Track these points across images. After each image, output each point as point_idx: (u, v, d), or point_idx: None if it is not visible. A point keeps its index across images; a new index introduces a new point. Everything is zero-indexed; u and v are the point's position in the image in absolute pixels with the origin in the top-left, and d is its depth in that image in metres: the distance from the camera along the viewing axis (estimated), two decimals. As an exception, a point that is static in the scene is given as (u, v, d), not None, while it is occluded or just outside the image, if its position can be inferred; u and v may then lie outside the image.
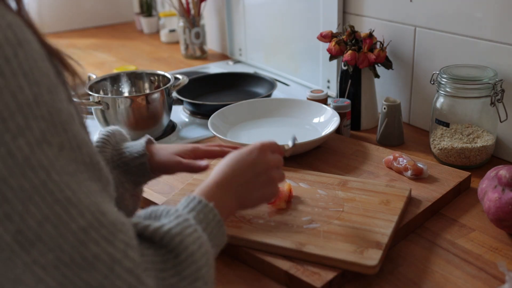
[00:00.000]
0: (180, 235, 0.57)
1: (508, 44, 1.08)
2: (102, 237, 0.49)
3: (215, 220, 0.66)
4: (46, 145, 0.48)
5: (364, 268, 0.77)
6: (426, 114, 1.26)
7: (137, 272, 0.50)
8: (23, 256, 0.46)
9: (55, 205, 0.47)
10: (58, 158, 0.48)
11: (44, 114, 0.48)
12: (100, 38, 2.44)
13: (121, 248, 0.49)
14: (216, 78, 1.67)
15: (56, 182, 0.48)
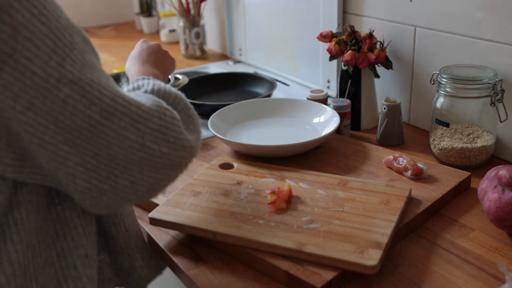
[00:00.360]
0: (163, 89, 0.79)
1: (508, 44, 1.08)
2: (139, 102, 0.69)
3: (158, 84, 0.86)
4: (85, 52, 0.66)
5: (364, 268, 0.77)
6: (426, 114, 1.26)
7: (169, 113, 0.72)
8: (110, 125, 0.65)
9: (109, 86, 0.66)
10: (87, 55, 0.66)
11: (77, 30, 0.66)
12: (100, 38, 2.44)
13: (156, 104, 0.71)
14: (216, 78, 1.67)
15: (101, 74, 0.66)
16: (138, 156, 0.67)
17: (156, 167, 0.69)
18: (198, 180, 1.02)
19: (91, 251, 0.74)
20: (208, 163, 1.13)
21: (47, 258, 0.70)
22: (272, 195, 0.92)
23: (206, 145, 1.23)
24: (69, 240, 0.72)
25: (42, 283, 0.69)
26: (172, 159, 0.70)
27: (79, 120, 0.62)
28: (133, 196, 0.69)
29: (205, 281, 0.81)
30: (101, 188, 0.66)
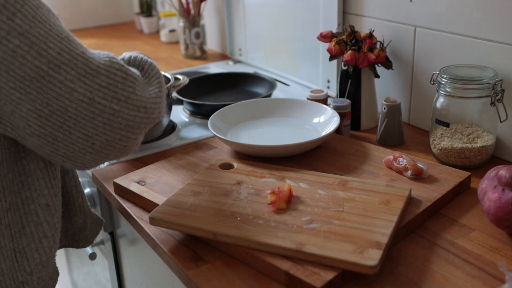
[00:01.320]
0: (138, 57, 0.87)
1: (508, 44, 1.08)
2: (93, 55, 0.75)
3: None
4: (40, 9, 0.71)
5: (364, 268, 0.77)
6: (426, 114, 1.26)
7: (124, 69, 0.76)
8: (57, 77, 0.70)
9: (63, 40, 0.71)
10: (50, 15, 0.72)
11: None
12: (100, 38, 2.44)
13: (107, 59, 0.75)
14: (216, 78, 1.67)
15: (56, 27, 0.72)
16: (89, 110, 0.72)
17: (111, 125, 0.74)
18: (198, 180, 1.02)
19: (52, 201, 0.84)
20: (208, 163, 1.13)
21: (11, 204, 0.80)
22: (272, 195, 0.92)
23: (206, 145, 1.23)
24: (32, 190, 0.81)
25: (6, 223, 0.80)
26: (125, 117, 0.75)
27: (28, 69, 0.68)
28: (89, 149, 0.75)
29: (205, 281, 0.81)
30: (55, 135, 0.72)
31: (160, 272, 1.06)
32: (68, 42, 0.72)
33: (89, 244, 1.05)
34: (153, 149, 1.26)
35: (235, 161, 1.09)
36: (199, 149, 1.21)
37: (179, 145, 1.28)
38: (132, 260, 1.25)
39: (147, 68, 0.85)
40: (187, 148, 1.24)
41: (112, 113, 0.74)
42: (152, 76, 0.84)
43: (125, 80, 0.75)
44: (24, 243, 0.82)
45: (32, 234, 0.82)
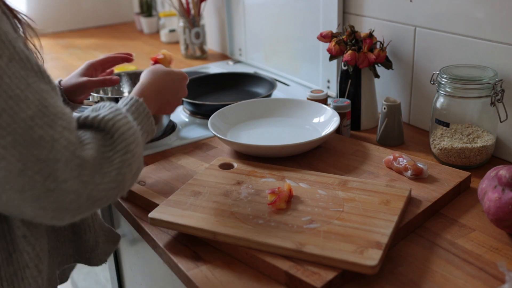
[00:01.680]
0: (112, 120, 0.73)
1: (508, 44, 1.08)
2: (44, 123, 0.64)
3: (145, 112, 0.85)
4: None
5: (364, 268, 0.77)
6: (426, 114, 1.26)
7: (72, 149, 0.65)
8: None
9: (8, 100, 0.62)
10: (9, 66, 0.63)
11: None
12: (100, 38, 2.44)
13: (59, 130, 0.64)
14: (216, 78, 1.67)
15: (7, 83, 0.62)
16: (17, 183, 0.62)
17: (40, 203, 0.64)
18: (198, 180, 1.02)
19: (30, 232, 0.79)
20: (208, 163, 1.13)
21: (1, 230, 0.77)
22: (272, 195, 0.92)
23: (206, 145, 1.23)
24: (8, 219, 0.77)
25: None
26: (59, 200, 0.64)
27: None
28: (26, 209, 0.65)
29: (205, 281, 0.81)
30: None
31: (160, 272, 1.06)
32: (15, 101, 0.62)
33: (101, 263, 1.00)
34: (153, 149, 1.27)
35: (235, 161, 1.09)
36: (199, 149, 1.21)
37: (179, 145, 1.28)
38: (132, 260, 1.25)
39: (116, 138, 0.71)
40: (187, 148, 1.24)
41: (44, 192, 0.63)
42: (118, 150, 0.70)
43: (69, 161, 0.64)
44: (11, 271, 0.77)
45: (18, 262, 0.77)
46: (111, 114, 0.74)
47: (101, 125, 0.72)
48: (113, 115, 0.74)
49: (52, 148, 0.63)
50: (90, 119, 0.73)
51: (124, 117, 0.74)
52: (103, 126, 0.72)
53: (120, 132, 0.72)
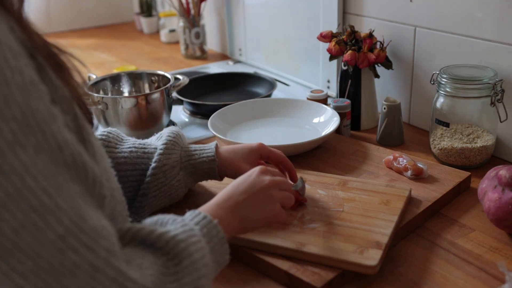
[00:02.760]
0: (185, 242, 0.57)
1: (508, 44, 1.08)
2: (82, 244, 0.47)
3: (218, 236, 0.66)
4: (19, 147, 0.45)
5: (364, 268, 0.77)
6: (426, 114, 1.26)
7: (121, 280, 0.48)
8: (1, 265, 0.45)
9: (31, 212, 0.45)
10: (34, 161, 0.46)
11: (15, 115, 0.45)
12: (100, 38, 2.44)
13: (102, 255, 0.48)
14: (216, 78, 1.66)
15: (31, 188, 0.45)
16: None
17: None
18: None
19: None
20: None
21: None
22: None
23: (206, 145, 1.23)
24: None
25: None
26: None
27: None
28: None
29: (205, 281, 0.81)
30: None
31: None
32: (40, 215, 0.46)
33: None
34: (153, 149, 1.26)
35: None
36: (199, 149, 1.21)
37: (179, 145, 1.28)
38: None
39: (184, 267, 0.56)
40: (187, 148, 1.23)
41: None
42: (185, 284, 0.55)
43: None
44: None
45: None
46: (184, 234, 0.58)
47: (169, 245, 0.56)
48: (186, 235, 0.58)
49: (92, 280, 0.47)
50: (157, 235, 0.57)
51: (199, 241, 0.60)
52: (171, 247, 0.56)
53: (192, 260, 0.57)
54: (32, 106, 0.47)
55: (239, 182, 0.78)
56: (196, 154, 0.93)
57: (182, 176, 0.92)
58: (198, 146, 0.95)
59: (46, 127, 0.47)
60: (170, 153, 0.91)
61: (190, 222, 0.64)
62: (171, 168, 0.90)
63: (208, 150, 0.94)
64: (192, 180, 0.95)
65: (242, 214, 0.74)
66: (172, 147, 0.92)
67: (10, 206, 0.45)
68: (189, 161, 0.93)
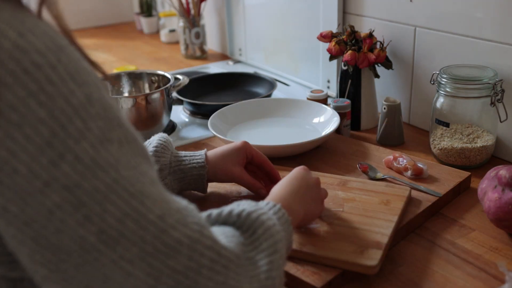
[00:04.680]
0: (255, 213, 0.61)
1: (508, 44, 1.08)
2: (177, 221, 0.50)
3: (286, 219, 0.68)
4: (107, 142, 0.48)
5: (364, 268, 0.77)
6: (426, 114, 1.26)
7: (217, 248, 0.52)
8: (109, 254, 0.47)
9: (131, 199, 0.48)
10: (122, 153, 0.49)
11: (99, 112, 0.48)
12: (100, 38, 2.44)
13: (196, 229, 0.51)
14: (216, 78, 1.67)
15: (126, 177, 0.48)
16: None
17: None
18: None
19: None
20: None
21: None
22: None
23: (206, 145, 1.23)
24: None
25: None
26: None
27: (68, 239, 0.47)
28: None
29: (205, 281, 0.81)
30: None
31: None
32: (139, 200, 0.49)
33: None
34: (153, 149, 1.26)
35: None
36: (199, 149, 1.21)
37: (179, 145, 1.28)
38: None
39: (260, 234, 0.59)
40: (187, 148, 1.23)
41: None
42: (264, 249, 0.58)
43: (214, 264, 0.51)
44: None
45: None
46: (252, 208, 0.62)
47: (242, 217, 0.61)
48: (255, 208, 0.63)
49: (193, 253, 0.50)
50: (227, 213, 0.61)
51: (267, 213, 0.63)
52: (242, 220, 0.61)
53: (265, 228, 0.60)
54: (108, 102, 0.50)
55: (292, 179, 0.80)
56: (186, 159, 0.95)
57: (170, 180, 0.93)
58: (188, 153, 0.97)
59: (121, 121, 0.51)
60: (160, 156, 0.92)
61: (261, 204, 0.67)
62: (159, 170, 0.91)
63: (198, 156, 0.95)
64: (179, 187, 0.95)
65: (306, 207, 0.79)
66: (162, 151, 0.93)
67: (111, 197, 0.47)
68: (178, 166, 0.94)
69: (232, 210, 0.62)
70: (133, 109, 1.25)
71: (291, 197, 0.76)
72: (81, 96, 0.47)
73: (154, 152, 0.91)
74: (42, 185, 0.45)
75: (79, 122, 0.47)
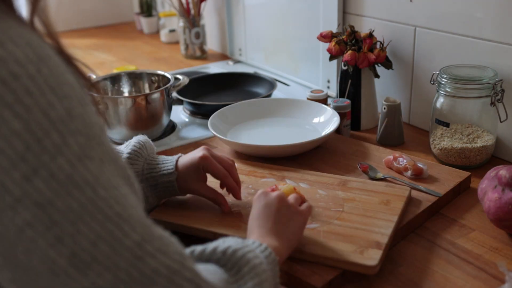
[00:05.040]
0: (241, 250, 0.59)
1: (508, 44, 1.08)
2: (157, 250, 0.48)
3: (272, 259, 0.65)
4: (87, 159, 0.46)
5: (364, 268, 0.77)
6: (426, 114, 1.26)
7: (197, 281, 0.49)
8: (80, 280, 0.45)
9: (107, 222, 0.45)
10: (102, 172, 0.47)
11: (79, 128, 0.46)
12: (100, 38, 2.44)
13: (177, 259, 0.49)
14: (216, 78, 1.66)
15: (104, 197, 0.46)
16: None
17: None
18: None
19: None
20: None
21: None
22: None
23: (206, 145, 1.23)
24: None
25: None
26: None
27: (37, 260, 0.44)
28: None
29: (205, 281, 0.81)
30: None
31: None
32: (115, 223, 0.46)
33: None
34: (153, 149, 1.26)
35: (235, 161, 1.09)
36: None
37: (179, 145, 1.28)
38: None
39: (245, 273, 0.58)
40: (187, 148, 1.23)
41: None
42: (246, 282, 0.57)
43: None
44: None
45: None
46: (239, 245, 0.60)
47: (226, 256, 0.58)
48: (241, 245, 0.60)
49: (171, 284, 0.48)
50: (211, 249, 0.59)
51: (253, 250, 0.62)
52: (227, 258, 0.58)
53: (251, 267, 0.58)
54: (90, 119, 0.48)
55: (255, 212, 0.77)
56: (158, 166, 0.90)
57: (143, 187, 0.89)
58: (162, 158, 0.92)
59: (103, 140, 0.48)
60: (132, 163, 0.88)
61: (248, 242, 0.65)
62: None
63: (169, 163, 0.91)
64: (154, 195, 0.91)
65: (282, 233, 0.74)
66: (136, 158, 0.89)
67: (86, 218, 0.45)
68: (150, 173, 0.90)
69: (217, 247, 0.59)
70: (133, 109, 1.25)
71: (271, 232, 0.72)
72: (60, 110, 0.45)
73: (127, 159, 0.88)
74: (13, 201, 0.43)
75: (57, 136, 0.44)
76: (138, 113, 1.26)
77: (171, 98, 1.34)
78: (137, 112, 1.26)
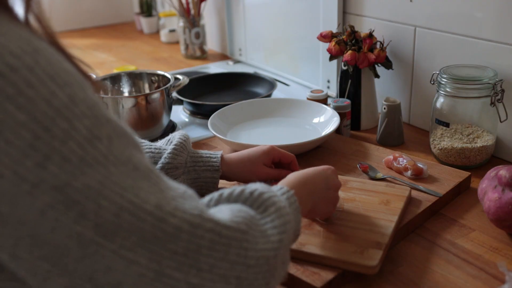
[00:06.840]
0: (267, 193, 0.62)
1: (508, 44, 1.08)
2: (175, 208, 0.51)
3: (295, 205, 0.68)
4: (96, 140, 0.48)
5: (364, 268, 0.77)
6: (426, 114, 1.26)
7: (218, 229, 0.52)
8: (109, 245, 0.48)
9: (125, 192, 0.48)
10: (111, 149, 0.49)
11: (84, 111, 0.48)
12: (100, 38, 2.44)
13: (195, 213, 0.52)
14: (216, 78, 1.66)
15: (117, 173, 0.48)
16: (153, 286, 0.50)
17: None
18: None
19: None
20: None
21: None
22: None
23: (206, 145, 1.23)
24: None
25: None
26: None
27: (64, 236, 0.47)
28: None
29: (205, 281, 0.81)
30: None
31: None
32: (133, 193, 0.49)
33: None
34: (153, 149, 1.26)
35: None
36: (199, 149, 1.21)
37: (179, 145, 1.28)
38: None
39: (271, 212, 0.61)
40: (187, 148, 1.23)
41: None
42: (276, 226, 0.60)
43: (214, 244, 0.52)
44: None
45: None
46: (266, 189, 0.63)
47: (253, 196, 0.61)
48: (267, 189, 0.63)
49: (194, 237, 0.51)
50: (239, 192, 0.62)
51: (278, 197, 0.64)
52: (254, 198, 0.61)
53: (276, 208, 0.61)
54: (94, 100, 0.50)
55: (314, 173, 0.81)
56: (202, 161, 0.96)
57: (183, 179, 0.94)
58: (205, 153, 0.97)
59: (109, 117, 0.51)
60: (177, 154, 0.93)
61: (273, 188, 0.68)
62: (173, 168, 0.92)
63: (214, 159, 0.96)
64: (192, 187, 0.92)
65: (315, 202, 0.79)
66: (181, 150, 0.94)
67: (105, 192, 0.47)
68: (193, 167, 0.95)
69: (245, 189, 0.62)
70: (133, 109, 1.25)
71: (304, 187, 0.76)
72: (63, 97, 0.47)
73: (172, 150, 0.93)
74: (30, 187, 0.45)
75: (64, 122, 0.46)
76: (138, 113, 1.26)
77: (171, 98, 1.34)
78: (137, 112, 1.26)
